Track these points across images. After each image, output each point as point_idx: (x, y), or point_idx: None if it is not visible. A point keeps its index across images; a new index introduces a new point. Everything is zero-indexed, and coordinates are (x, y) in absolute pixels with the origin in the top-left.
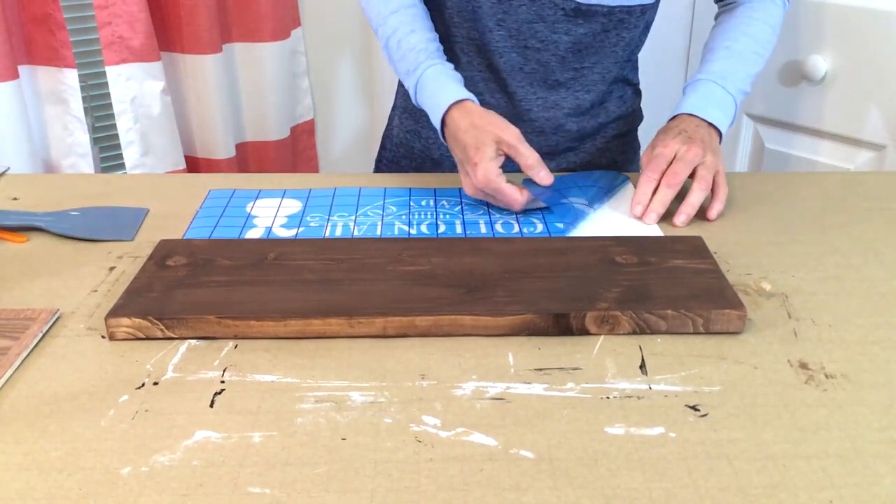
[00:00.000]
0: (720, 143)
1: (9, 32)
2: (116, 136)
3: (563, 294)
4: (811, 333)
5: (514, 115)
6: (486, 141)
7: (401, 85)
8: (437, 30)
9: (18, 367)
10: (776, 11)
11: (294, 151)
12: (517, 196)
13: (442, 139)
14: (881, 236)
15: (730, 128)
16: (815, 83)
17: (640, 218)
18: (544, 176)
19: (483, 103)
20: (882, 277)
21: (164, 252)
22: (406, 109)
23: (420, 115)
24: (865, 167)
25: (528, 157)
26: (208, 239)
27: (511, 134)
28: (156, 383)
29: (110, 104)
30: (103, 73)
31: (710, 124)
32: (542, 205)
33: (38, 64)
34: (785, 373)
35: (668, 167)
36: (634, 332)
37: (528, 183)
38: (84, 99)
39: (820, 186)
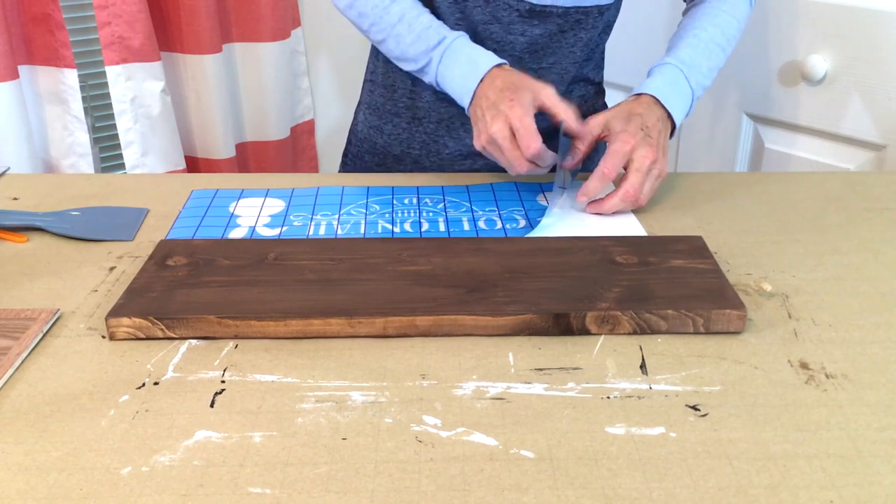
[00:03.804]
0: (671, 138)
1: (9, 32)
2: (116, 136)
3: (563, 294)
4: (811, 333)
5: None
6: (523, 89)
7: (366, 82)
8: None
9: (18, 367)
10: (743, 8)
11: (294, 151)
12: (537, 143)
13: (468, 103)
14: (881, 236)
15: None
16: (815, 83)
17: (587, 209)
18: (577, 129)
19: (446, 100)
20: (882, 277)
21: (164, 252)
22: (370, 106)
23: (383, 112)
24: (865, 167)
25: (566, 113)
26: (208, 239)
27: (549, 93)
28: (156, 383)
29: (110, 104)
30: (103, 73)
31: (669, 116)
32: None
33: (38, 64)
34: (785, 373)
35: (622, 164)
36: (635, 332)
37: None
38: (84, 99)
39: (820, 186)
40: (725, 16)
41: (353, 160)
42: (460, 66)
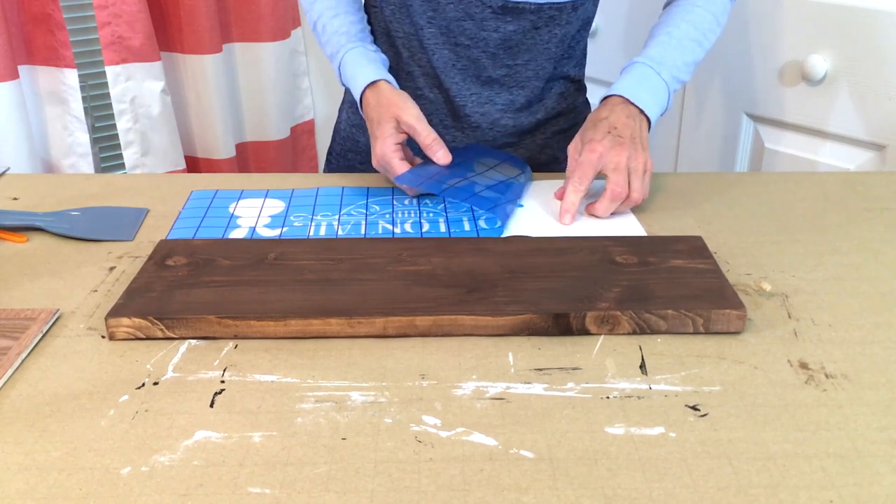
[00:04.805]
0: (650, 130)
1: (9, 32)
2: (116, 136)
3: (563, 294)
4: (811, 333)
5: (451, 110)
6: (386, 118)
7: None
8: (379, 26)
9: (18, 367)
10: (720, 1)
11: (294, 151)
12: (398, 171)
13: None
14: (881, 236)
15: (661, 116)
16: (815, 83)
17: (569, 223)
18: (441, 155)
19: (422, 98)
20: (882, 277)
21: (164, 252)
22: (352, 104)
23: None
24: (865, 167)
25: (426, 137)
26: (208, 239)
27: (409, 114)
28: (156, 383)
29: (110, 104)
30: (103, 73)
31: (640, 111)
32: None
33: (38, 64)
34: (785, 373)
35: (593, 173)
36: (634, 332)
37: (425, 165)
38: (84, 99)
39: (820, 186)
40: (700, 10)
41: (337, 158)
42: (349, 81)
